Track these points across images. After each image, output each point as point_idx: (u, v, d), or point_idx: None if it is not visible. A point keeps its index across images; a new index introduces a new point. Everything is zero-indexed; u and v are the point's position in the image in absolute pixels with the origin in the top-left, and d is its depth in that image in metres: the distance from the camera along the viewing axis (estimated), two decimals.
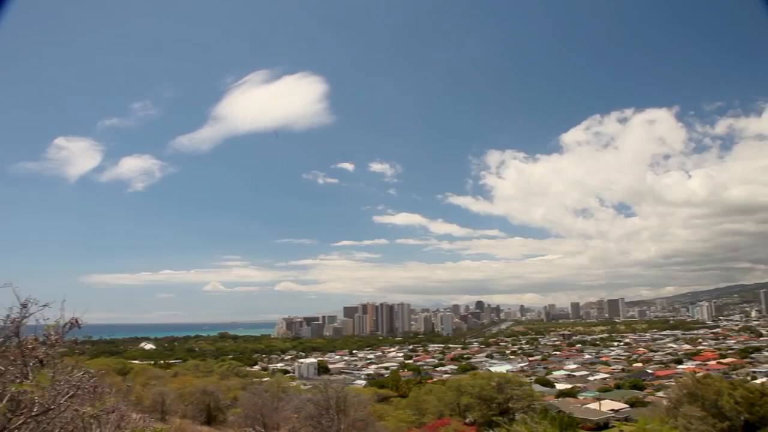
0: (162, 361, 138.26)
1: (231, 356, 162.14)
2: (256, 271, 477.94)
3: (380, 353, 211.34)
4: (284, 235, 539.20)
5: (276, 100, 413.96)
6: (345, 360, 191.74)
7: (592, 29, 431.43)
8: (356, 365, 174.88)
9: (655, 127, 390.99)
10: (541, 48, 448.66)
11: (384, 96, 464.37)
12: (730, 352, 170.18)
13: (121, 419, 9.67)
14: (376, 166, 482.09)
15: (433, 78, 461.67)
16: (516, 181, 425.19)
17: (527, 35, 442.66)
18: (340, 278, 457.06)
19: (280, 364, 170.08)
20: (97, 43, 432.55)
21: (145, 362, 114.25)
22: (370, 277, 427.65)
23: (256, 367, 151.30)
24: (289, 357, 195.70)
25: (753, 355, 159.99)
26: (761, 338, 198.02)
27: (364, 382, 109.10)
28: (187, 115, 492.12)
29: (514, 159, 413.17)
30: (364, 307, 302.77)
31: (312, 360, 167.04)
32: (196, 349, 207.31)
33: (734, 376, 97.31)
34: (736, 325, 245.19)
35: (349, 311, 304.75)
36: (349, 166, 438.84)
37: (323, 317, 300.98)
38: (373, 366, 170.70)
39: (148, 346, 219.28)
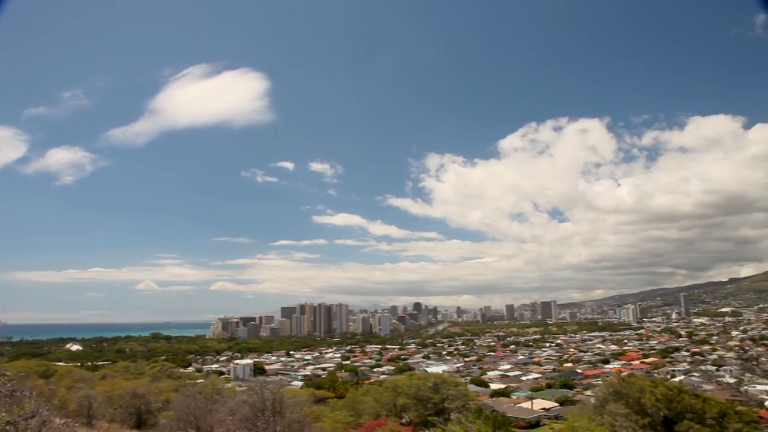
0: (89, 363, 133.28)
1: (164, 357, 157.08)
2: (191, 269, 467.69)
3: (318, 354, 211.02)
4: (221, 234, 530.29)
5: (215, 96, 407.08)
6: (282, 361, 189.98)
7: (530, 40, 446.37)
8: (293, 366, 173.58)
9: (587, 136, 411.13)
10: (481, 55, 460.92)
11: (326, 96, 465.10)
12: (652, 352, 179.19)
13: (43, 425, 9.18)
14: (316, 166, 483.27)
15: (375, 80, 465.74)
16: (455, 184, 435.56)
17: (468, 42, 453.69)
18: (278, 278, 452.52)
19: (214, 366, 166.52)
20: (22, 25, 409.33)
21: (71, 364, 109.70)
22: (309, 277, 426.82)
23: (190, 368, 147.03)
24: (225, 358, 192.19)
25: (673, 355, 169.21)
26: (680, 339, 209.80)
27: (300, 384, 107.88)
28: (121, 106, 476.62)
29: (453, 163, 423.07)
30: (302, 307, 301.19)
31: (248, 361, 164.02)
32: (127, 351, 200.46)
33: (656, 375, 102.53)
34: (658, 326, 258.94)
35: (287, 311, 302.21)
36: (288, 165, 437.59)
37: (260, 317, 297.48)
38: (311, 367, 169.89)
39: (75, 347, 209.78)
